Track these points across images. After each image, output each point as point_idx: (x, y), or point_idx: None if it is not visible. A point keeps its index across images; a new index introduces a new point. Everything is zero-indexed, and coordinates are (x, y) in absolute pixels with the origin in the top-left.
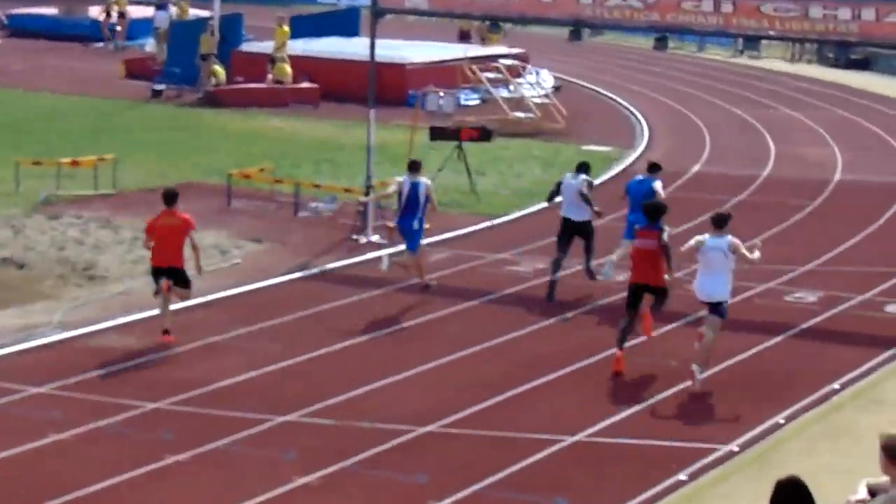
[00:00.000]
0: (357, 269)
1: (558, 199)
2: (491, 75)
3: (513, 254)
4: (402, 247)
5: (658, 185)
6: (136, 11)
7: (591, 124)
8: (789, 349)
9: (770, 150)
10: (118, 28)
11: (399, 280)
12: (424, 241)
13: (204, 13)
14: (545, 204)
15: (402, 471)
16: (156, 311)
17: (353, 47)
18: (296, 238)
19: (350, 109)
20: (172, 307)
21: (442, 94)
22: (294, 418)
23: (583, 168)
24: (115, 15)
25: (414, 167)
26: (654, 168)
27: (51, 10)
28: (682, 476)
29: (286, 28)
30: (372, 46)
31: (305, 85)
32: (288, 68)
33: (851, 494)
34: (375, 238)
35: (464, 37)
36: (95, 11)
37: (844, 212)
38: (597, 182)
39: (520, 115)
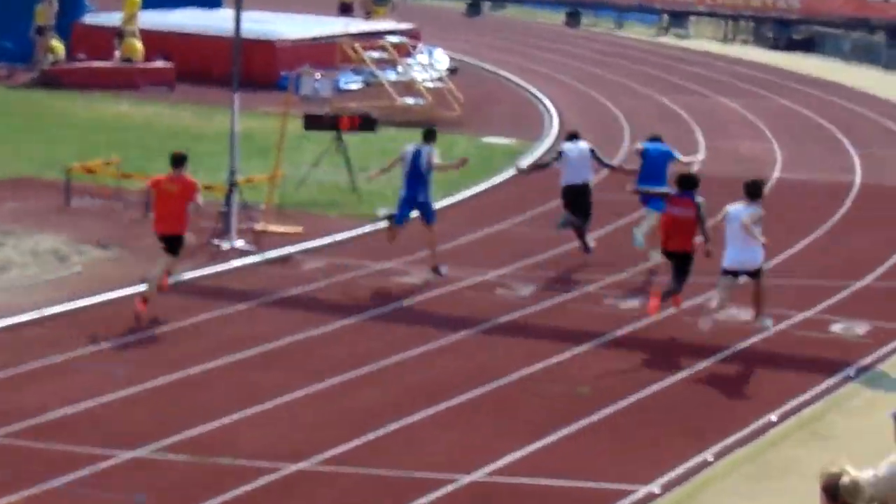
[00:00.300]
0: (219, 280)
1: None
2: (376, 55)
3: (400, 263)
4: (274, 254)
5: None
6: None
7: (491, 112)
8: (719, 375)
9: (699, 143)
10: None
11: (270, 292)
12: (300, 248)
13: None
14: (516, 169)
15: None
16: None
17: (214, 20)
18: (147, 243)
19: (211, 93)
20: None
21: (319, 75)
22: (144, 454)
23: (573, 135)
24: None
25: (428, 136)
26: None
27: None
28: None
29: None
30: (237, 19)
31: (159, 64)
32: (139, 44)
33: None
34: (240, 243)
35: (345, 9)
36: None
37: (784, 216)
38: (496, 182)
39: (409, 101)
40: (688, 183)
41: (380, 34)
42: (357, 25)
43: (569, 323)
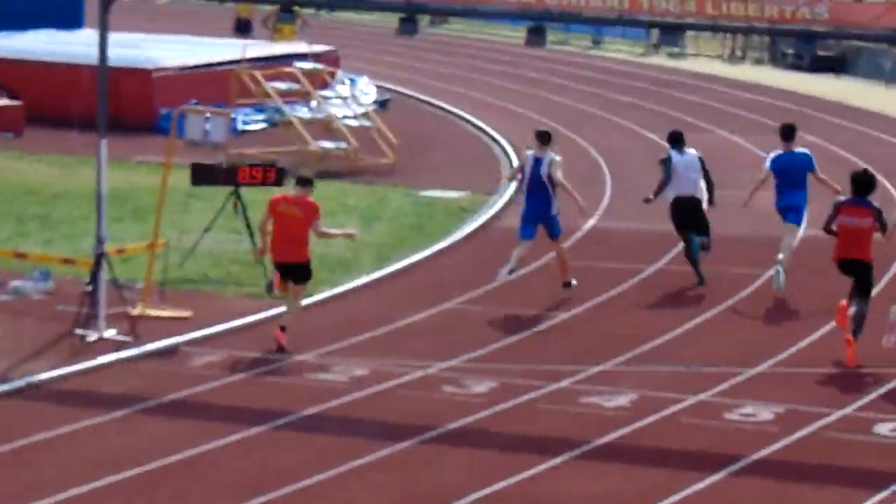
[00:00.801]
0: (85, 381)
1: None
2: (284, 86)
3: (319, 354)
4: (155, 346)
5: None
6: None
7: (434, 158)
8: (733, 491)
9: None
10: None
11: (150, 395)
12: (188, 337)
13: None
14: (650, 196)
15: None
16: None
17: (74, 45)
18: None
19: (71, 139)
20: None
21: (209, 114)
22: None
23: (679, 139)
24: None
25: (543, 138)
26: (790, 134)
27: None
28: None
29: None
30: (102, 43)
31: (2, 102)
32: None
33: None
34: (111, 333)
35: (242, 28)
36: None
37: (807, 287)
38: (441, 247)
39: (327, 144)
40: (863, 187)
41: (288, 59)
42: (258, 49)
43: (538, 429)
